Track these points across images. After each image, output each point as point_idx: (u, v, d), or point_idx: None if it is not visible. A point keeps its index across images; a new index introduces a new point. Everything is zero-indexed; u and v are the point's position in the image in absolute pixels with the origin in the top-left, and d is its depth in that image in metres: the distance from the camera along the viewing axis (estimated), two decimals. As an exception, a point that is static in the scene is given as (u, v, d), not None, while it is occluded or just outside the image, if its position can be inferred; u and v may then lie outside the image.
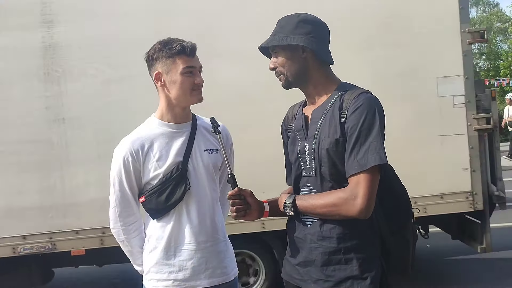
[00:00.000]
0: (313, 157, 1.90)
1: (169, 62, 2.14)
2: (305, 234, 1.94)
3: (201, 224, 2.19)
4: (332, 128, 1.85)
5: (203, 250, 2.19)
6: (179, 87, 2.14)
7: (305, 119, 1.99)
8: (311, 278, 1.92)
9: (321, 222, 1.89)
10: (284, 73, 1.95)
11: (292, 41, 1.90)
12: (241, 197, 1.96)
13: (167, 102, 2.21)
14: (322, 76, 1.96)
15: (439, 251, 6.16)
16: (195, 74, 2.16)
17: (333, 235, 1.86)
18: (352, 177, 1.80)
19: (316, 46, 1.90)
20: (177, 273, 2.18)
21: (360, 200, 1.76)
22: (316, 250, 1.90)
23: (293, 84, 1.98)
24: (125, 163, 2.17)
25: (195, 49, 2.18)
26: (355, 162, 1.78)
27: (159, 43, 2.18)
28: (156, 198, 2.16)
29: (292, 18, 1.95)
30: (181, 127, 2.23)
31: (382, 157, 1.77)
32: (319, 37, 1.93)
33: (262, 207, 2.02)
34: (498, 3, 47.66)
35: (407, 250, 1.97)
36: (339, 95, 1.91)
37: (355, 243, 1.85)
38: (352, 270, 1.84)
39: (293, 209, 1.92)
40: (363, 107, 1.81)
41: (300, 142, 1.98)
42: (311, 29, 1.92)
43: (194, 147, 2.21)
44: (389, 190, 1.92)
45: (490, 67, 41.21)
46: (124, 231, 2.26)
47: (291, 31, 1.92)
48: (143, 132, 2.22)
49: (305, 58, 1.92)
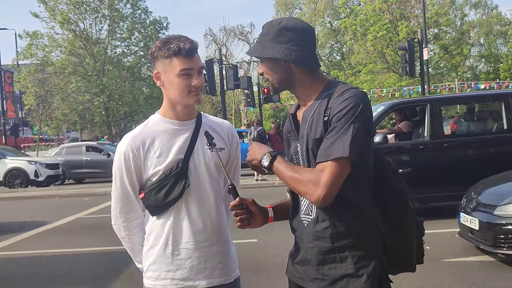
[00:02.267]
0: (304, 157, 1.92)
1: (166, 63, 2.11)
2: (302, 234, 1.96)
3: (200, 223, 2.17)
4: (318, 128, 1.86)
5: (202, 250, 2.17)
6: (175, 88, 2.12)
7: (293, 120, 2.00)
8: (309, 277, 1.93)
9: (315, 221, 1.89)
10: (270, 80, 1.98)
11: (271, 54, 1.91)
12: (243, 206, 1.98)
13: (169, 100, 2.19)
14: (308, 80, 1.96)
15: (438, 252, 6.15)
16: (193, 75, 2.11)
17: (326, 235, 1.87)
18: (319, 163, 1.80)
19: (296, 55, 1.89)
20: (175, 272, 2.16)
21: (321, 188, 1.76)
22: (312, 250, 1.91)
23: (281, 90, 2.02)
24: (126, 159, 2.16)
25: (194, 50, 2.12)
26: (321, 151, 1.80)
27: (159, 41, 2.15)
28: (155, 194, 2.14)
29: (274, 25, 1.94)
30: (184, 124, 2.20)
31: (347, 150, 1.75)
32: (301, 44, 1.91)
33: (266, 213, 2.04)
34: (497, 6, 47.63)
35: (407, 246, 1.95)
36: (326, 94, 1.91)
37: (349, 241, 1.85)
38: (347, 268, 1.84)
39: (268, 163, 1.91)
40: (345, 102, 1.81)
41: (293, 143, 1.99)
42: (292, 37, 1.90)
43: (197, 145, 2.18)
44: (384, 186, 1.92)
45: (490, 70, 41.22)
46: (125, 228, 2.25)
47: (271, 40, 1.92)
48: (145, 128, 2.21)
49: (288, 66, 1.93)
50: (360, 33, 31.80)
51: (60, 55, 29.46)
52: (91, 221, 10.58)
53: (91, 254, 7.51)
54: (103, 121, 28.23)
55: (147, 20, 30.39)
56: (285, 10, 48.14)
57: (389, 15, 30.60)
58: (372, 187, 1.89)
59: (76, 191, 16.36)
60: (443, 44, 32.24)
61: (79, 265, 6.83)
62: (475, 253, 6.14)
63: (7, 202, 15.36)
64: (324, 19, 45.67)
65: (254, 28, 49.75)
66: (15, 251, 7.96)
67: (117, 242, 2.36)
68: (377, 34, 29.62)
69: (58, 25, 28.74)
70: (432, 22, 30.07)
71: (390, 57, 30.89)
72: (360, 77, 33.88)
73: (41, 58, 28.87)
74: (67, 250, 7.81)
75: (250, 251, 6.75)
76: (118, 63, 29.78)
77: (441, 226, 7.45)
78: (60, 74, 28.88)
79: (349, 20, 32.90)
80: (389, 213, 1.90)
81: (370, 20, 30.29)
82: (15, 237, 8.92)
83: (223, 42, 50.16)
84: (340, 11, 40.30)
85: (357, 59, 37.26)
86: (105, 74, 28.98)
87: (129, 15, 30.17)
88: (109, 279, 6.03)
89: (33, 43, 28.73)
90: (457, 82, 31.83)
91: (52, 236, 8.97)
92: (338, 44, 45.75)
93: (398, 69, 26.95)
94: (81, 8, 28.87)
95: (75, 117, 30.03)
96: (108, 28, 29.80)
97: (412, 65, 17.72)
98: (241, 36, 51.23)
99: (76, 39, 28.71)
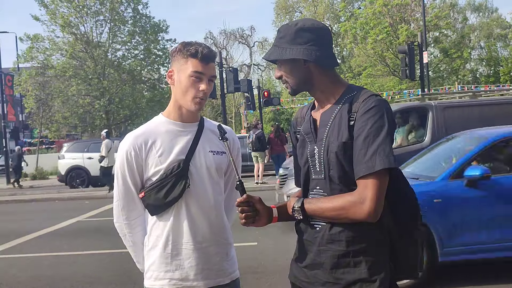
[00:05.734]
0: (322, 160, 1.89)
1: (182, 62, 2.16)
2: (314, 237, 1.93)
3: (200, 224, 2.18)
4: (341, 131, 1.85)
5: (201, 250, 2.18)
6: (183, 89, 2.15)
7: (313, 122, 1.98)
8: (319, 281, 1.91)
9: (330, 225, 1.88)
10: (288, 82, 1.97)
11: (291, 55, 1.90)
12: (250, 204, 1.96)
13: (175, 101, 2.22)
14: (328, 81, 1.96)
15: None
16: (203, 80, 2.15)
17: (342, 238, 1.86)
18: (360, 179, 1.79)
19: (316, 55, 1.89)
20: (173, 272, 2.17)
21: (369, 204, 1.76)
22: (325, 253, 1.89)
23: (299, 91, 1.99)
24: (128, 157, 2.18)
25: (211, 57, 2.17)
26: (363, 165, 1.78)
27: (181, 43, 2.21)
28: (155, 194, 2.15)
29: (290, 27, 1.94)
30: (187, 126, 2.23)
31: (391, 160, 1.76)
32: (320, 43, 1.91)
33: (271, 213, 2.02)
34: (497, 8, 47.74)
35: (416, 252, 1.96)
36: (348, 97, 1.91)
37: (364, 246, 1.84)
38: (361, 273, 1.83)
39: (301, 213, 1.91)
40: (373, 109, 1.80)
41: (309, 145, 1.97)
42: (310, 37, 1.90)
43: (199, 147, 2.21)
44: (398, 193, 1.91)
45: (490, 73, 41.28)
46: (127, 226, 2.26)
47: (290, 42, 1.91)
48: (148, 128, 2.23)
49: (308, 67, 1.92)
50: (360, 36, 31.86)
51: (60, 58, 29.42)
52: (91, 224, 10.59)
53: (92, 257, 7.50)
54: (103, 124, 28.22)
55: (148, 24, 30.42)
56: (285, 13, 48.22)
57: (389, 18, 30.65)
58: (386, 192, 1.87)
59: (76, 194, 16.37)
60: (443, 47, 32.31)
61: (80, 268, 6.82)
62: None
63: (7, 205, 15.37)
64: (324, 22, 45.74)
65: (254, 31, 50.02)
66: (15, 254, 7.95)
67: (118, 245, 2.37)
68: (377, 38, 29.67)
69: (59, 28, 28.77)
70: (432, 25, 30.12)
71: (390, 60, 30.94)
72: (360, 80, 33.91)
73: (42, 61, 28.84)
74: (67, 253, 7.80)
75: (250, 254, 6.75)
76: (118, 66, 29.80)
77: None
78: (61, 77, 28.84)
79: (349, 24, 32.98)
80: (401, 218, 1.91)
81: (370, 23, 30.35)
82: (15, 240, 8.91)
83: (224, 45, 50.25)
84: (340, 14, 40.42)
85: (357, 62, 37.30)
86: (105, 77, 28.97)
87: (130, 18, 30.21)
88: (109, 282, 6.03)
89: (34, 46, 28.72)
90: (457, 85, 31.85)
91: (53, 239, 8.97)
92: (339, 48, 45.80)
93: (398, 72, 26.98)
94: (82, 11, 28.91)
95: (75, 120, 30.04)
96: (108, 32, 29.84)
97: (412, 68, 17.74)
98: (241, 39, 51.34)
99: (77, 42, 28.70)
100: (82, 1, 28.40)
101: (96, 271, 6.64)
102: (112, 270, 6.56)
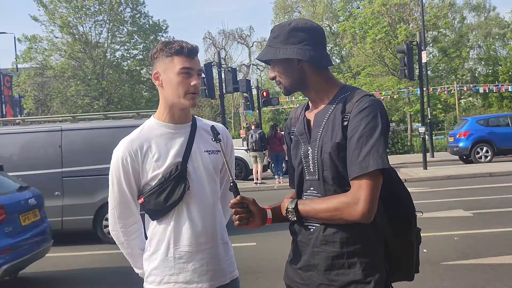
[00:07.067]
0: (316, 161, 1.88)
1: (167, 61, 2.14)
2: (308, 238, 1.91)
3: (201, 226, 2.17)
4: (335, 131, 1.84)
5: (203, 252, 2.17)
6: (174, 87, 2.13)
7: (307, 123, 1.97)
8: (313, 282, 1.90)
9: (324, 226, 1.87)
10: (282, 82, 1.96)
11: (284, 54, 1.89)
12: (243, 205, 1.94)
13: (165, 103, 2.20)
14: (322, 81, 1.95)
15: (437, 255, 6.15)
16: (193, 75, 2.14)
17: (336, 240, 1.84)
18: (353, 180, 1.78)
19: (310, 54, 1.88)
20: (177, 276, 2.16)
21: (362, 204, 1.75)
22: (319, 255, 1.88)
23: (293, 91, 1.98)
24: (124, 163, 2.15)
25: (195, 51, 2.17)
26: (356, 165, 1.76)
27: (161, 43, 2.18)
28: (155, 198, 2.14)
29: (284, 27, 1.92)
30: (180, 128, 2.22)
31: (385, 161, 1.76)
32: (313, 43, 1.90)
33: (265, 215, 2.00)
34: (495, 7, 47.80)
35: (411, 254, 1.95)
36: (341, 98, 1.90)
37: (358, 247, 1.83)
38: (355, 274, 1.82)
39: (295, 214, 1.90)
40: (367, 110, 1.79)
41: (303, 146, 1.95)
42: (303, 37, 1.89)
43: (194, 148, 2.20)
44: (392, 193, 1.91)
45: (489, 73, 41.33)
46: (124, 233, 2.24)
47: (283, 42, 1.90)
48: (142, 132, 2.21)
49: (301, 67, 1.91)
50: (359, 36, 31.86)
51: (59, 58, 29.41)
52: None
53: (91, 258, 7.50)
54: (102, 124, 28.17)
55: (147, 24, 30.42)
56: (284, 13, 48.24)
57: (388, 18, 30.64)
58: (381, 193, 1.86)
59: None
60: (442, 47, 32.30)
61: (79, 269, 6.82)
62: (474, 255, 6.15)
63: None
64: (323, 22, 45.74)
65: (253, 31, 50.07)
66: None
67: (117, 245, 2.36)
68: (376, 37, 29.66)
69: (57, 29, 28.75)
70: (431, 25, 30.13)
71: (389, 60, 30.94)
72: (359, 80, 33.92)
73: (40, 61, 28.84)
74: (66, 254, 7.80)
75: (249, 254, 6.77)
76: (117, 66, 29.79)
77: (439, 229, 7.46)
78: (60, 77, 28.84)
79: (348, 23, 32.97)
80: (395, 218, 1.90)
81: (369, 23, 30.36)
82: (14, 241, 8.89)
83: (222, 45, 50.29)
84: (339, 14, 40.42)
85: (356, 62, 37.31)
86: (104, 78, 28.98)
87: (129, 18, 30.20)
88: (109, 283, 6.03)
89: (32, 46, 28.72)
90: (456, 84, 31.87)
91: (52, 240, 8.96)
92: (337, 47, 45.83)
93: (397, 72, 26.98)
94: (81, 11, 28.88)
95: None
96: (107, 32, 29.83)
97: (411, 68, 17.71)
98: (240, 39, 51.37)
99: (76, 43, 28.67)
100: (81, 2, 28.36)
101: (96, 271, 6.65)
102: (112, 270, 6.56)
